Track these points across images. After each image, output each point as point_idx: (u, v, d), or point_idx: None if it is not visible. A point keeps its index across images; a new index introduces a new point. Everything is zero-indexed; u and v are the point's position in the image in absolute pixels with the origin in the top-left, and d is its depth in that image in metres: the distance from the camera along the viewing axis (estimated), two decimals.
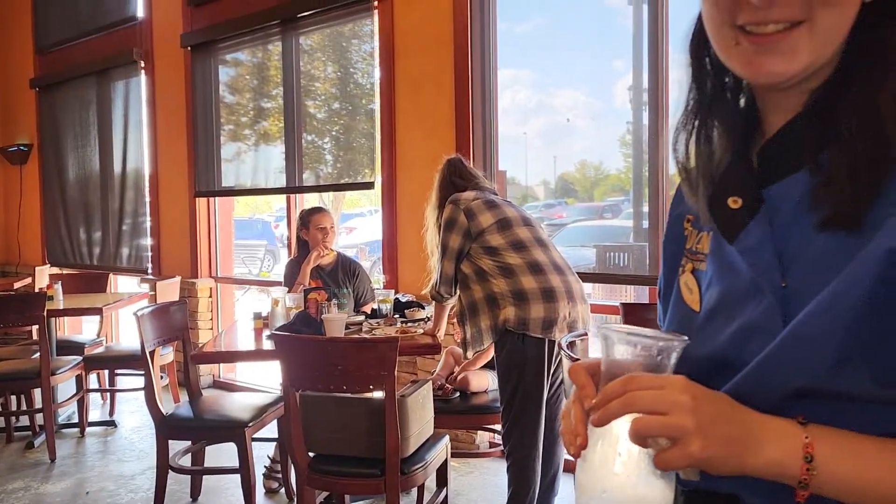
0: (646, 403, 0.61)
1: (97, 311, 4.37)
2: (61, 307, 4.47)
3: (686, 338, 0.67)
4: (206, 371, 5.45)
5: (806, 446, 0.61)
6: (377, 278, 4.62)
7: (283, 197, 5.42)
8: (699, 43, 0.76)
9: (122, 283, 6.63)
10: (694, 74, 0.77)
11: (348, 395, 2.56)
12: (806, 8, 0.64)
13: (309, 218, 3.80)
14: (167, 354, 4.53)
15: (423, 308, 3.52)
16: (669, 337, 0.67)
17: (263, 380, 5.32)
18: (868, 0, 0.66)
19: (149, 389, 3.14)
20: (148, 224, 5.87)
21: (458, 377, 3.26)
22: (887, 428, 0.63)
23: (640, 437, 0.61)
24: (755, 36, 0.66)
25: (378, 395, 2.53)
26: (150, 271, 5.84)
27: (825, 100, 0.68)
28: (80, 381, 4.36)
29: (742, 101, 0.78)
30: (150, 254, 5.86)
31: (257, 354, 3.21)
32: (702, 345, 0.72)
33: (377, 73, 4.33)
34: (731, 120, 0.76)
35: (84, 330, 6.61)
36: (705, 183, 0.76)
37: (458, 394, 3.26)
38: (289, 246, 5.05)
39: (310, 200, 5.78)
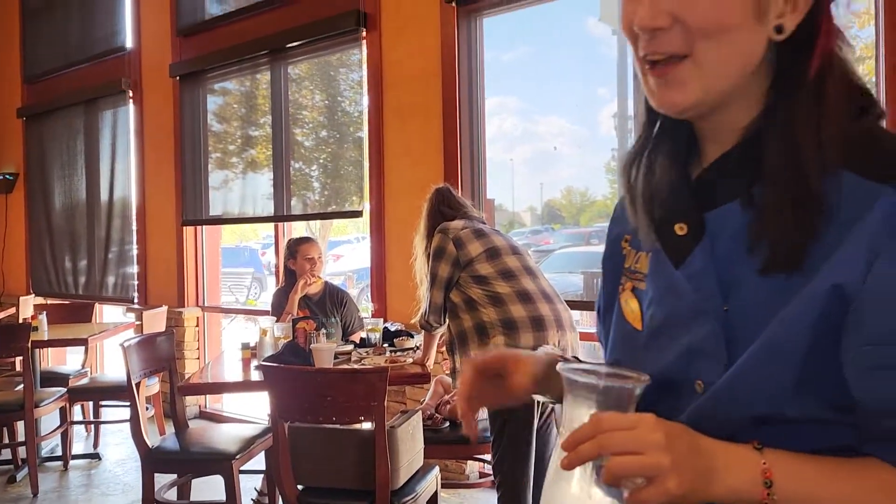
0: (620, 445, 0.62)
1: (82, 341, 4.32)
2: (46, 338, 4.41)
3: (647, 377, 0.69)
4: (192, 402, 5.38)
5: (765, 472, 0.64)
6: (365, 306, 4.60)
7: (270, 224, 5.41)
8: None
9: (108, 313, 6.57)
10: (645, 104, 0.81)
11: (337, 426, 2.54)
12: (687, 43, 0.68)
13: (297, 248, 3.80)
14: (153, 385, 4.48)
15: (413, 337, 3.50)
16: (633, 376, 0.69)
17: (251, 410, 5.26)
18: (780, 39, 0.69)
19: (134, 421, 3.10)
20: (134, 253, 5.84)
21: (448, 407, 3.24)
22: (833, 444, 0.67)
23: (616, 478, 0.62)
24: (653, 68, 0.71)
25: (367, 425, 2.51)
26: (136, 301, 5.80)
27: (755, 136, 0.72)
28: (63, 413, 4.30)
29: (685, 130, 0.81)
30: (136, 283, 5.81)
31: (245, 385, 3.18)
32: (647, 364, 0.75)
33: (365, 102, 4.36)
34: (675, 148, 0.80)
35: (69, 360, 6.53)
36: (650, 208, 0.79)
37: (447, 423, 3.24)
38: (276, 274, 5.03)
39: (297, 228, 5.78)
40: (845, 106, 0.69)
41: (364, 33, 4.31)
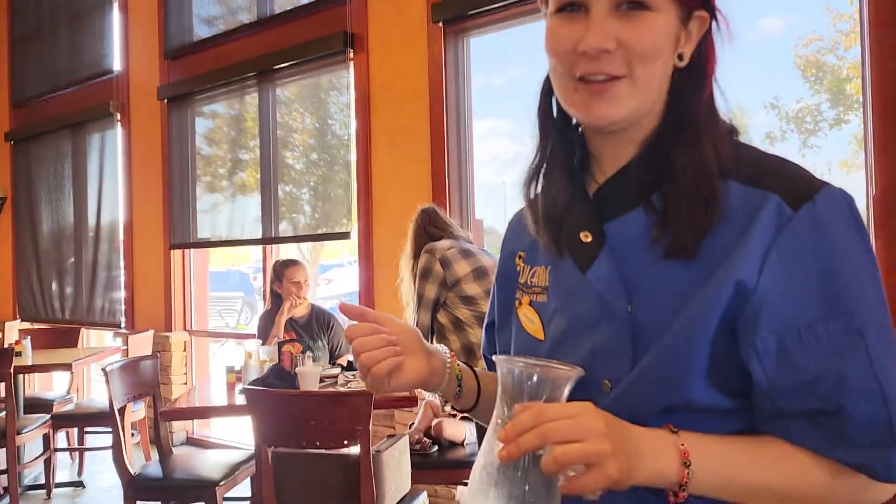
0: (562, 433, 0.64)
1: (66, 366, 4.25)
2: (29, 363, 4.34)
3: (581, 369, 0.73)
4: (179, 427, 5.30)
5: (683, 453, 0.69)
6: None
7: (261, 248, 5.37)
8: (545, 100, 0.89)
9: (96, 338, 6.50)
10: (541, 125, 0.89)
11: (322, 451, 2.48)
12: (626, 66, 0.77)
13: (283, 271, 3.76)
14: (139, 411, 4.41)
15: None
16: (565, 367, 0.73)
17: (238, 436, 5.18)
18: (682, 66, 0.80)
19: (117, 448, 3.03)
20: (122, 277, 5.78)
21: (433, 424, 3.18)
22: (732, 428, 0.75)
23: (560, 466, 0.64)
24: (589, 84, 0.78)
25: (353, 450, 2.46)
26: (123, 325, 5.73)
27: (654, 149, 0.81)
28: (47, 440, 4.22)
29: (578, 150, 0.89)
30: (123, 307, 5.75)
31: (229, 410, 3.12)
32: None
33: (353, 124, 4.34)
34: (570, 166, 0.87)
35: (56, 386, 6.43)
36: (552, 220, 0.86)
37: (436, 448, 3.18)
38: (264, 297, 4.98)
39: (287, 250, 5.74)
40: (725, 123, 0.82)
41: (351, 54, 4.31)
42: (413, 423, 3.35)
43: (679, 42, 0.80)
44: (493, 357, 0.76)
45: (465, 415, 1.01)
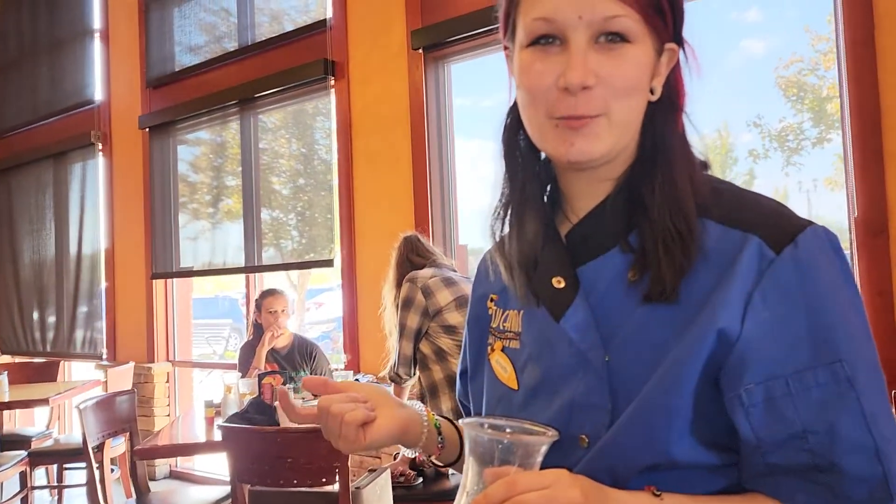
0: None
1: (44, 402, 4.16)
2: (6, 399, 4.25)
3: (555, 432, 0.68)
4: (162, 461, 5.20)
5: None
6: (335, 355, 4.48)
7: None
8: (511, 135, 0.84)
9: (78, 370, 6.39)
10: (507, 164, 0.84)
11: (301, 488, 2.41)
12: (604, 104, 0.73)
13: (261, 301, 3.71)
14: (119, 445, 4.31)
15: None
16: (539, 431, 0.69)
17: (223, 468, 5.07)
18: (654, 99, 0.77)
19: (91, 487, 2.95)
20: (103, 308, 5.70)
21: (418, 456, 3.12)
22: (718, 487, 0.71)
23: None
24: (568, 120, 0.73)
25: (333, 487, 2.39)
26: (104, 356, 5.63)
27: (628, 186, 0.77)
28: (24, 477, 4.11)
29: (548, 189, 0.85)
30: (104, 338, 5.66)
31: (206, 447, 3.05)
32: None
33: (335, 150, 4.31)
34: (541, 206, 0.83)
35: (37, 421, 6.31)
36: (523, 264, 0.82)
37: (421, 480, 3.11)
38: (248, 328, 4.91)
39: (272, 276, 5.68)
40: (697, 159, 0.79)
41: (332, 81, 4.29)
42: (398, 454, 3.28)
43: (652, 76, 0.77)
44: (461, 421, 0.72)
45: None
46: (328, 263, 4.39)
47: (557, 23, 0.72)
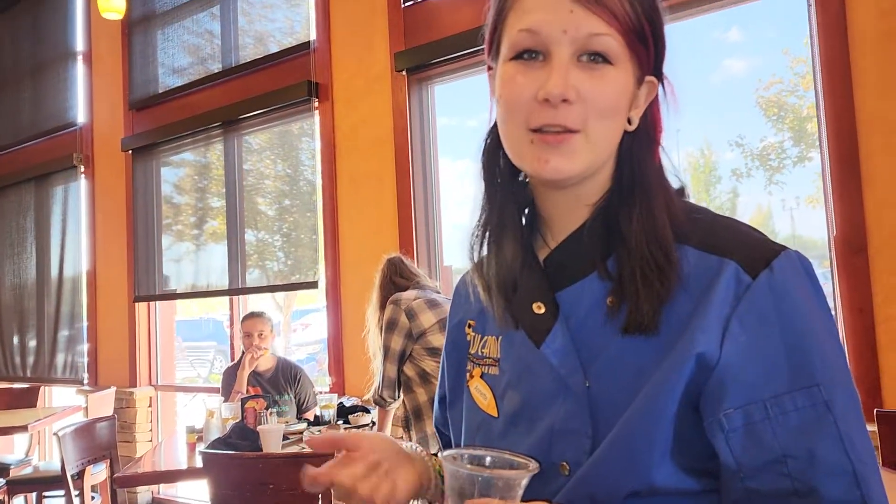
0: None
1: (22, 428, 4.09)
2: None
3: (536, 465, 0.68)
4: (144, 488, 5.11)
5: None
6: (320, 378, 4.44)
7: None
8: (490, 156, 0.84)
9: (59, 395, 6.29)
10: (486, 185, 0.84)
11: None
12: (582, 121, 0.73)
13: (242, 324, 3.68)
14: (100, 472, 4.24)
15: (369, 412, 3.36)
16: (520, 462, 0.69)
17: (206, 495, 5.00)
18: (630, 130, 0.78)
19: None
20: (85, 332, 5.63)
21: None
22: None
23: None
24: (545, 135, 0.73)
25: None
26: (86, 381, 5.56)
27: (607, 211, 0.78)
28: None
29: (526, 212, 0.85)
30: (86, 362, 5.59)
31: (187, 474, 2.99)
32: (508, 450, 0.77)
33: (319, 171, 4.31)
34: (519, 229, 0.83)
35: (17, 449, 6.20)
36: (502, 288, 0.81)
37: None
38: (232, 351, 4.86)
39: (257, 299, 5.64)
40: (674, 188, 0.79)
41: (316, 103, 4.30)
42: None
43: (631, 104, 0.77)
44: (439, 454, 0.72)
45: None
46: (312, 285, 4.37)
47: (542, 36, 0.73)
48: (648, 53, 0.76)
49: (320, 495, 2.27)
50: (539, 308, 0.78)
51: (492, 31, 0.80)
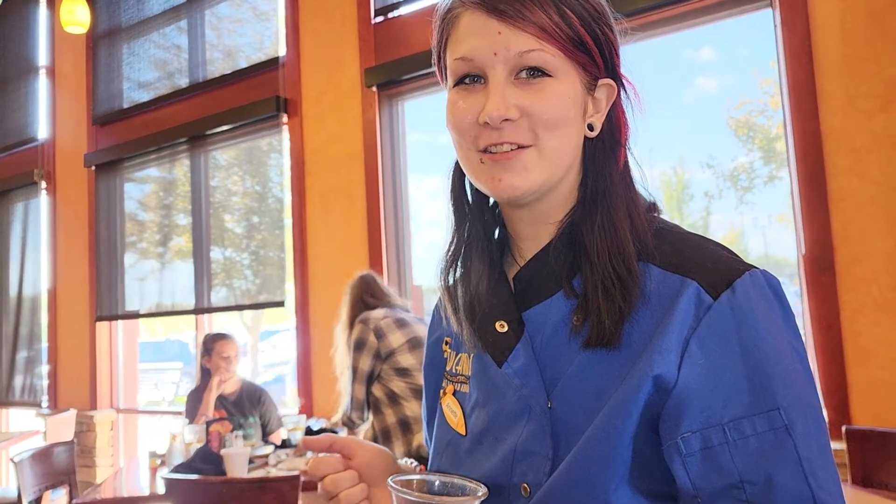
0: None
1: None
2: None
3: (485, 490, 0.68)
4: None
5: None
6: (292, 401, 4.35)
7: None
8: (458, 177, 0.84)
9: (17, 419, 6.09)
10: (455, 208, 0.84)
11: None
12: (532, 135, 0.73)
13: (212, 345, 3.57)
14: (59, 499, 4.09)
15: (337, 434, 3.29)
16: (470, 487, 0.69)
17: None
18: (593, 136, 0.77)
19: None
20: (44, 353, 5.46)
21: None
22: None
23: None
24: (494, 155, 0.74)
25: None
26: (45, 404, 5.38)
27: (572, 228, 0.77)
28: None
29: (497, 232, 0.85)
30: (45, 384, 5.41)
31: (149, 500, 2.89)
32: (472, 469, 0.77)
33: (288, 188, 4.25)
34: (487, 249, 0.83)
35: None
36: (470, 309, 0.81)
37: None
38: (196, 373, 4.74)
39: (223, 318, 5.53)
40: (644, 200, 0.78)
41: (285, 119, 4.25)
42: None
43: (587, 111, 0.77)
44: (388, 480, 0.70)
45: None
46: (279, 304, 4.29)
47: (476, 61, 0.74)
48: (594, 59, 0.75)
49: None
50: (502, 327, 0.77)
51: (437, 61, 0.82)
